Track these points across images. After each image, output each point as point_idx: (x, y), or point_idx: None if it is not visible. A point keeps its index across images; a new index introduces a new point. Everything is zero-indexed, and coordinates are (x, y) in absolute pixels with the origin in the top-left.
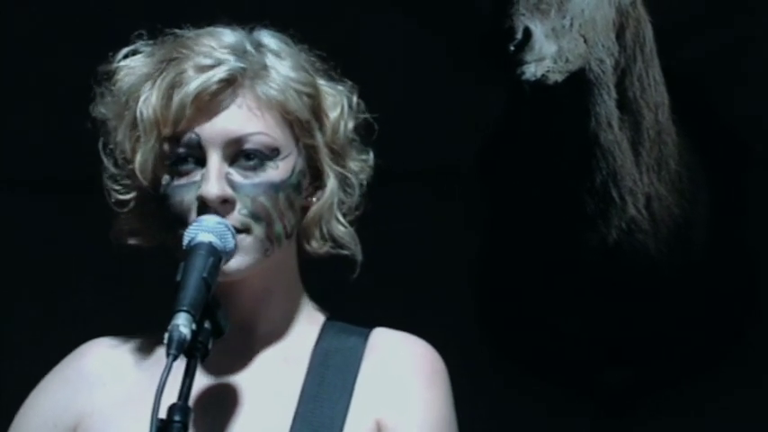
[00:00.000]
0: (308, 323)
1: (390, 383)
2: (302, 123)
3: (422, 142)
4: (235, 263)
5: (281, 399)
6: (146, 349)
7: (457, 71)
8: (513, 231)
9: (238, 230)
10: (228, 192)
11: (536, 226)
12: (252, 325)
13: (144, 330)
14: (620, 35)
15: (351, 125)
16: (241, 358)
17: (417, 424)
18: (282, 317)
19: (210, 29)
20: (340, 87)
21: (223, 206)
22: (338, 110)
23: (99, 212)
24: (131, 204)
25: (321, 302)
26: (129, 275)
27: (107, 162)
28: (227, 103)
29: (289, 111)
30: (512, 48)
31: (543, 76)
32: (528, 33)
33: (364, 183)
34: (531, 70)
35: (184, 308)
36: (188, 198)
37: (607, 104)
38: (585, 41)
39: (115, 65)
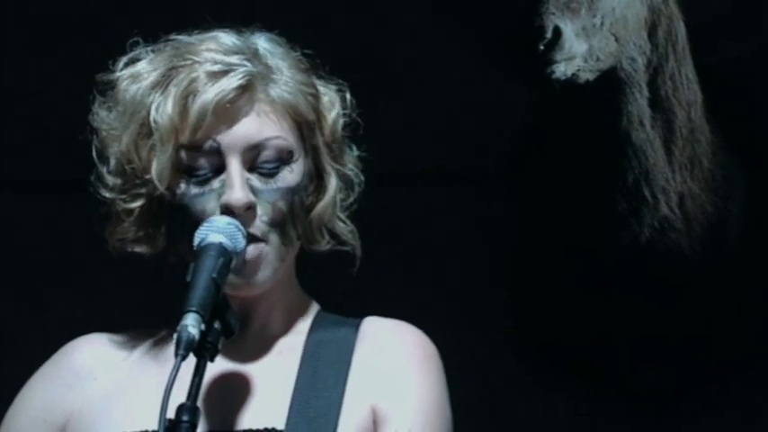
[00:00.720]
0: (301, 316)
1: (383, 370)
2: (309, 124)
3: (456, 142)
4: (259, 279)
5: (276, 390)
6: (137, 343)
7: (491, 69)
8: (545, 231)
9: (257, 239)
10: (252, 198)
11: (568, 225)
12: (246, 320)
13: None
14: (651, 33)
15: (342, 123)
16: (237, 350)
17: (411, 409)
18: (277, 310)
19: (209, 34)
20: (333, 86)
21: (247, 213)
22: (335, 109)
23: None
24: (136, 212)
25: (352, 301)
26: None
27: (104, 171)
28: (244, 109)
29: (299, 113)
30: (541, 47)
31: (574, 75)
32: (558, 32)
33: (360, 181)
34: (561, 69)
35: (194, 308)
36: (210, 207)
37: (639, 103)
38: (617, 40)
39: (117, 74)
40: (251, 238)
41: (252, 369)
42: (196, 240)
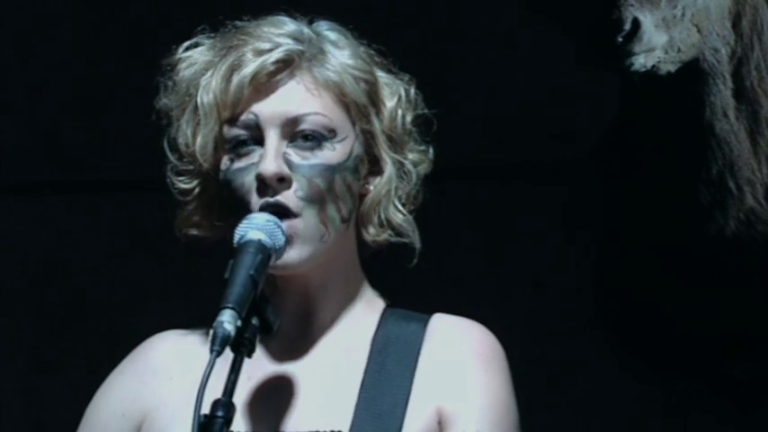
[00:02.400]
0: (368, 311)
1: (449, 370)
2: (359, 107)
3: (546, 136)
4: (294, 254)
5: (342, 386)
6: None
7: (578, 63)
8: (631, 223)
9: (292, 214)
10: (285, 170)
11: (653, 218)
12: (311, 315)
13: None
14: (736, 23)
15: (409, 117)
16: (301, 348)
17: (477, 410)
18: (342, 305)
19: (271, 18)
20: (398, 79)
21: (280, 184)
22: (395, 99)
23: None
24: (195, 193)
25: (441, 293)
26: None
27: (170, 153)
28: (284, 84)
29: (345, 93)
30: (620, 39)
31: (654, 66)
32: (636, 24)
33: (423, 174)
34: (641, 61)
35: (230, 305)
36: (248, 180)
37: (722, 94)
38: (699, 31)
39: (177, 56)
40: (284, 212)
41: (318, 367)
42: (236, 237)
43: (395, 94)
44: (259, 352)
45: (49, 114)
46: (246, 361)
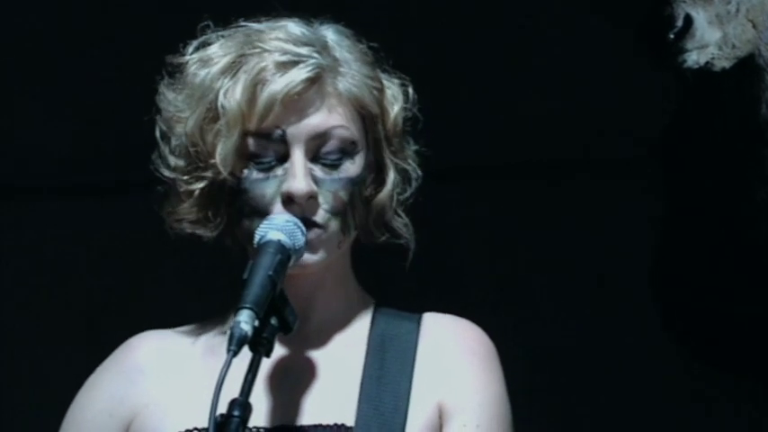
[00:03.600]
0: (362, 309)
1: (447, 367)
2: (373, 118)
3: (603, 133)
4: (314, 258)
5: (342, 384)
6: (197, 340)
7: (635, 57)
8: (689, 221)
9: (318, 226)
10: (314, 188)
11: (711, 215)
12: (309, 312)
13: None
14: None
15: (401, 119)
16: (301, 344)
17: (478, 404)
18: (338, 303)
19: (279, 23)
20: (396, 81)
21: (308, 202)
22: (398, 103)
23: None
24: (196, 194)
25: (503, 293)
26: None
27: (167, 152)
28: (312, 101)
29: (363, 105)
30: (671, 36)
31: (708, 63)
32: (689, 20)
33: (420, 175)
34: (693, 58)
35: (248, 305)
36: (270, 192)
37: None
38: (754, 26)
39: (186, 57)
40: (312, 225)
41: (318, 363)
42: (256, 238)
43: (396, 98)
44: None
45: None
46: (247, 358)
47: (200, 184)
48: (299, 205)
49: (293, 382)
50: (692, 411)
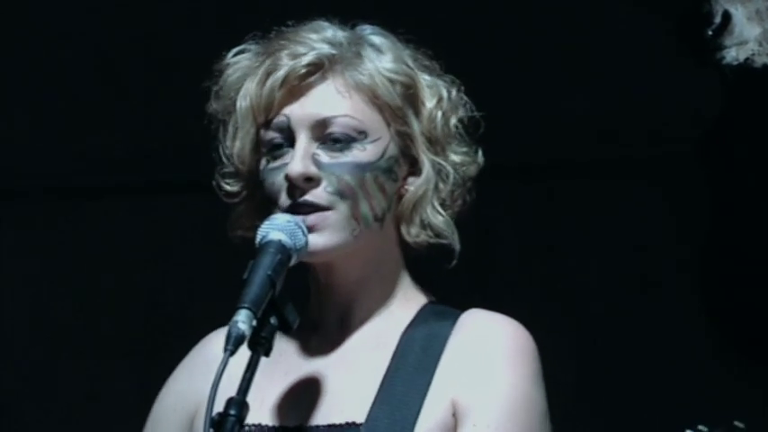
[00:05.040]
0: (404, 308)
1: (472, 362)
2: (393, 110)
3: (648, 132)
4: (321, 240)
5: (365, 385)
6: None
7: (678, 56)
8: (733, 219)
9: (321, 208)
10: (312, 170)
11: (754, 215)
12: (349, 314)
13: None
14: None
15: (453, 118)
16: (337, 343)
17: (493, 403)
18: (378, 302)
19: (312, 23)
20: (441, 81)
21: (307, 184)
22: (435, 100)
23: None
24: (242, 195)
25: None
26: None
27: (218, 156)
28: (315, 86)
29: (378, 96)
30: (710, 32)
31: (747, 60)
32: (727, 17)
33: (467, 176)
34: (733, 54)
35: (246, 305)
36: (278, 180)
37: None
38: None
39: (226, 62)
40: (314, 208)
41: (347, 364)
42: (257, 238)
43: (435, 96)
44: (299, 347)
45: None
46: (287, 356)
47: (237, 186)
48: (299, 188)
49: (320, 382)
50: (734, 410)
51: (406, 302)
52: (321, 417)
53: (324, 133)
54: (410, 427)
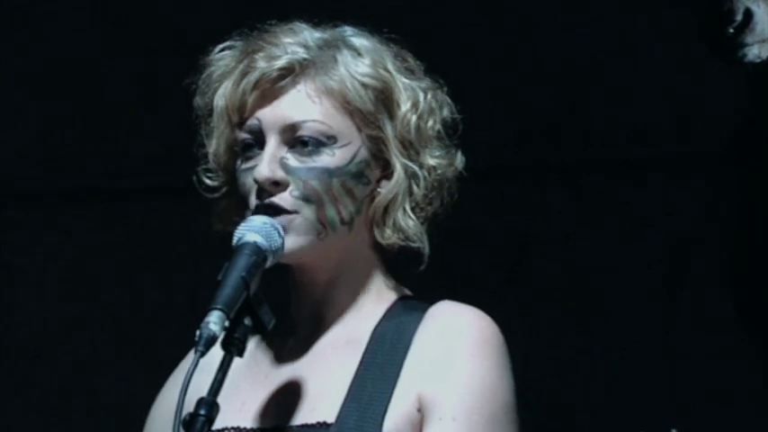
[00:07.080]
0: (376, 304)
1: (436, 355)
2: (364, 115)
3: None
4: (288, 242)
5: (336, 382)
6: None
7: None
8: (764, 218)
9: (289, 211)
10: (279, 174)
11: None
12: (322, 314)
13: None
14: None
15: (431, 121)
16: (310, 346)
17: (458, 394)
18: (349, 303)
19: (292, 25)
20: (420, 84)
21: (274, 187)
22: (409, 104)
23: None
24: (222, 191)
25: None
26: None
27: (198, 152)
28: (286, 91)
29: (349, 101)
30: (731, 30)
31: None
32: (749, 14)
33: (444, 179)
34: (755, 52)
35: (218, 306)
36: (249, 180)
37: None
38: None
39: (210, 58)
40: (281, 211)
41: (321, 364)
42: (234, 239)
43: (410, 99)
44: (279, 350)
45: None
46: (268, 358)
47: (216, 182)
48: (266, 192)
49: (297, 383)
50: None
51: (379, 300)
52: (296, 417)
53: (293, 137)
54: (378, 423)
